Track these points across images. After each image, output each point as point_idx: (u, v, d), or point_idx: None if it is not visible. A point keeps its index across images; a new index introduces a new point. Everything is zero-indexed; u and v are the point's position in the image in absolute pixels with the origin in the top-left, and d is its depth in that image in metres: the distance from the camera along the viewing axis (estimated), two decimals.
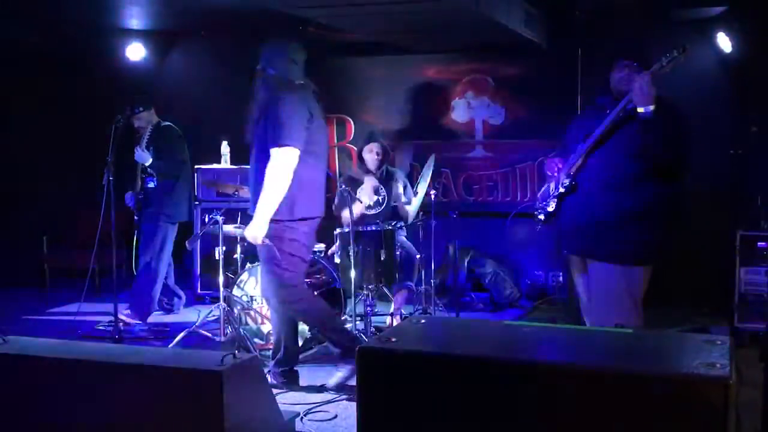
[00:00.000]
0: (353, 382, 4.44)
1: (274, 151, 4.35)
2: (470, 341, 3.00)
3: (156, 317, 6.40)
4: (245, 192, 5.90)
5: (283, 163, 4.33)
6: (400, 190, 6.07)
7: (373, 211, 6.03)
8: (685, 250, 6.52)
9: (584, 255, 4.26)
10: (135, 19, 7.21)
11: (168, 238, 6.24)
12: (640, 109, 3.93)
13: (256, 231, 4.35)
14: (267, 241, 4.37)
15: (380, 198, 6.05)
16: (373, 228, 5.48)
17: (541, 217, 4.39)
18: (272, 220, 4.37)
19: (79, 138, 6.67)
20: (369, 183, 5.99)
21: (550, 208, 4.32)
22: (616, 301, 4.09)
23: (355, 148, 6.63)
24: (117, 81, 7.04)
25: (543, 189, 4.50)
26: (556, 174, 4.32)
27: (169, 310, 6.66)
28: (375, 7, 5.35)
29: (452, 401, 2.67)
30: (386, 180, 6.13)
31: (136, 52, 7.42)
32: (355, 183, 6.07)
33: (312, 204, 4.55)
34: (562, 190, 4.24)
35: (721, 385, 2.33)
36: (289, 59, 4.71)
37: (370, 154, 6.08)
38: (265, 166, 4.37)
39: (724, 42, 6.36)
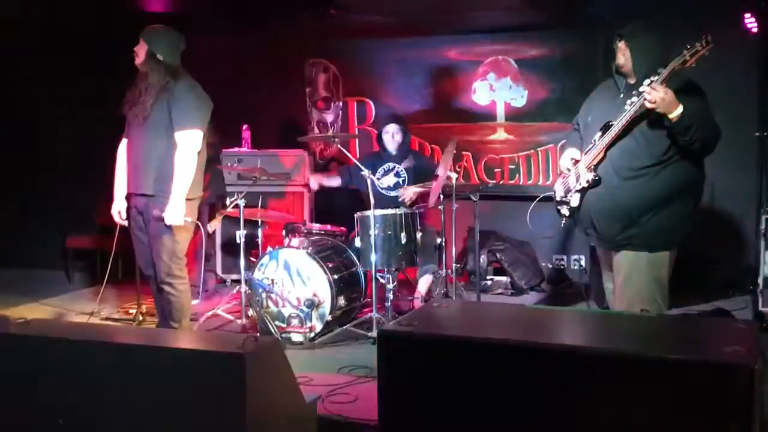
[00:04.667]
0: None
1: (183, 134, 4.59)
2: (491, 325, 2.99)
3: None
4: (266, 174, 5.92)
5: (192, 146, 4.61)
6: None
7: (393, 193, 6.03)
8: (710, 233, 6.49)
9: (610, 246, 4.23)
10: (156, 2, 7.22)
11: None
12: (672, 116, 3.86)
13: (177, 213, 4.57)
14: (189, 219, 4.64)
15: (400, 180, 6.04)
16: (394, 211, 5.47)
17: (566, 212, 4.35)
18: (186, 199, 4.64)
19: (99, 121, 6.69)
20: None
21: (574, 203, 4.27)
22: (642, 287, 4.07)
23: (375, 131, 6.62)
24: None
25: (561, 180, 4.43)
26: (573, 168, 4.28)
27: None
28: None
29: (473, 385, 2.67)
30: (407, 162, 6.12)
31: None
32: (376, 163, 6.08)
33: (199, 185, 4.84)
34: (585, 184, 4.19)
35: (746, 371, 2.31)
36: (178, 48, 4.83)
37: (387, 135, 6.11)
38: (166, 147, 4.60)
39: (750, 22, 6.26)
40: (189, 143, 4.59)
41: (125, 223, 4.88)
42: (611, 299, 4.43)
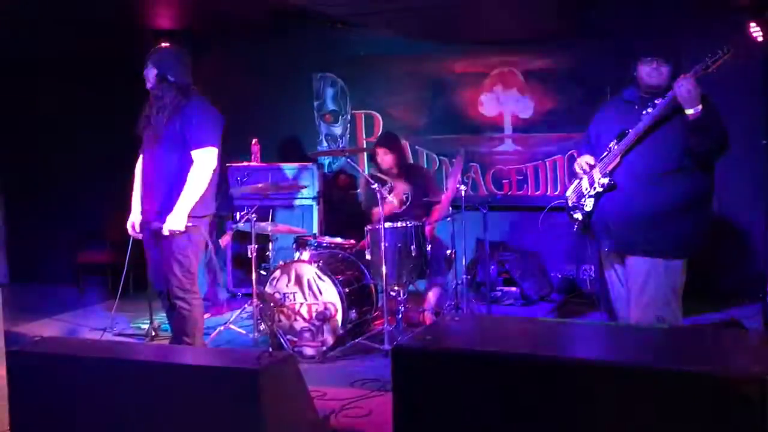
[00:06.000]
0: None
1: (201, 152, 4.62)
2: (504, 339, 3.01)
3: None
4: (276, 189, 5.95)
5: (208, 164, 4.64)
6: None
7: (398, 210, 6.04)
8: (719, 241, 6.49)
9: (625, 251, 4.25)
10: (164, 19, 7.27)
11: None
12: (689, 111, 3.95)
13: (178, 222, 4.60)
14: (189, 223, 4.66)
15: (405, 196, 6.06)
16: (404, 224, 5.49)
17: (579, 216, 4.37)
18: (190, 216, 4.64)
19: (111, 138, 6.79)
20: (399, 187, 6.01)
21: (588, 208, 4.30)
22: (657, 294, 4.11)
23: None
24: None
25: (574, 186, 4.47)
26: (588, 172, 4.32)
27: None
28: (403, 3, 5.35)
29: (487, 399, 2.68)
30: (409, 176, 6.12)
31: None
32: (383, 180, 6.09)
33: (212, 202, 4.86)
34: (599, 189, 4.23)
35: (758, 383, 2.32)
36: (187, 66, 4.84)
37: (378, 158, 6.11)
38: (178, 165, 4.63)
39: (755, 31, 6.28)
40: (206, 161, 4.64)
41: (139, 236, 4.91)
42: (617, 303, 4.45)
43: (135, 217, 4.92)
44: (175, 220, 4.62)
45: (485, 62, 7.28)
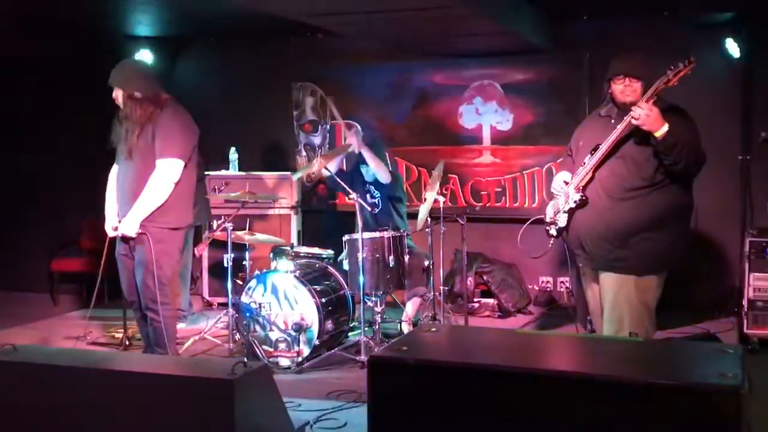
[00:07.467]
0: None
1: (163, 162, 4.58)
2: (482, 351, 3.00)
3: None
4: (253, 198, 5.92)
5: (170, 175, 4.60)
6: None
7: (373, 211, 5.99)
8: (695, 255, 6.53)
9: (597, 268, 4.26)
10: (143, 26, 7.23)
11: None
12: (657, 134, 3.93)
13: (131, 226, 4.60)
14: (140, 230, 4.63)
15: (376, 200, 6.04)
16: (382, 234, 5.48)
17: (554, 232, 4.39)
18: (161, 227, 4.63)
19: (86, 145, 6.74)
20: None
21: (561, 223, 4.32)
22: (630, 310, 4.11)
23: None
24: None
25: (552, 202, 4.48)
26: (564, 189, 4.31)
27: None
28: (383, 14, 5.35)
29: (463, 410, 2.67)
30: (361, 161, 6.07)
31: (144, 58, 7.43)
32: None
33: (187, 213, 4.85)
34: (572, 204, 4.24)
35: (734, 396, 2.33)
36: (152, 76, 4.83)
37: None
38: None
39: (732, 47, 6.35)
40: (167, 172, 4.60)
41: (119, 234, 4.83)
42: (595, 318, 4.47)
43: (113, 221, 4.85)
44: (127, 225, 4.62)
45: (465, 74, 7.29)
